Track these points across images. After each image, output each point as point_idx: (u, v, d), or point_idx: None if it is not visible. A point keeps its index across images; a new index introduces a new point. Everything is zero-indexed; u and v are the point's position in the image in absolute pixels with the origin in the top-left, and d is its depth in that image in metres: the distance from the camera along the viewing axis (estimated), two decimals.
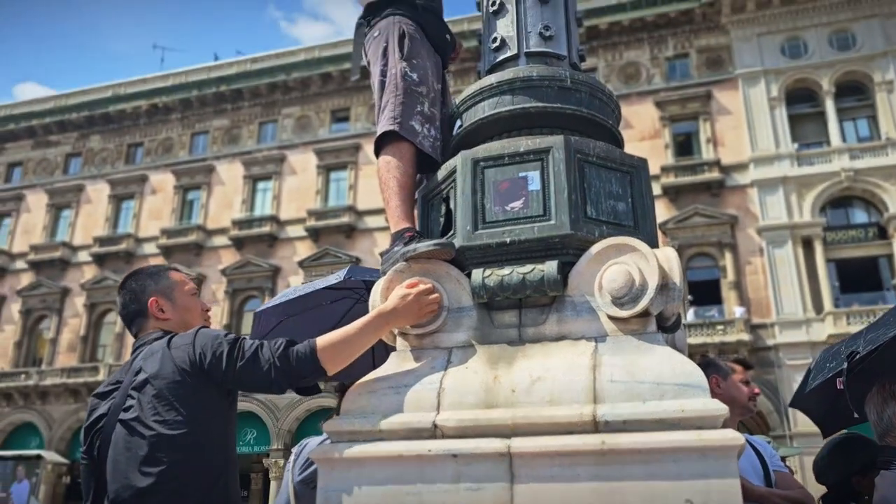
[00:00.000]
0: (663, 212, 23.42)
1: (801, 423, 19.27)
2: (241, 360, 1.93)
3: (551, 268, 2.07)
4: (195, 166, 30.48)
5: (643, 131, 25.19)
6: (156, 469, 1.82)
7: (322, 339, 2.00)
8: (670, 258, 2.01)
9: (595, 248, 2.08)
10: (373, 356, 3.36)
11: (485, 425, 1.89)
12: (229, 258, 28.39)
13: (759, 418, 21.14)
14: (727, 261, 23.38)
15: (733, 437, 1.67)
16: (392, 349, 2.30)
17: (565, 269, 2.10)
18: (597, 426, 1.79)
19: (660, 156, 24.77)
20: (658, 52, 26.81)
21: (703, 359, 3.58)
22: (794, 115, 24.85)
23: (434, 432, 1.92)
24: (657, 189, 22.55)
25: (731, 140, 24.80)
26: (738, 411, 3.16)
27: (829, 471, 3.22)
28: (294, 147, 29.51)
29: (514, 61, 2.64)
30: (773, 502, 2.89)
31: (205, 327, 2.10)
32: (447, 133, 2.75)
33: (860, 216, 23.66)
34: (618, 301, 1.99)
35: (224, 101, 31.10)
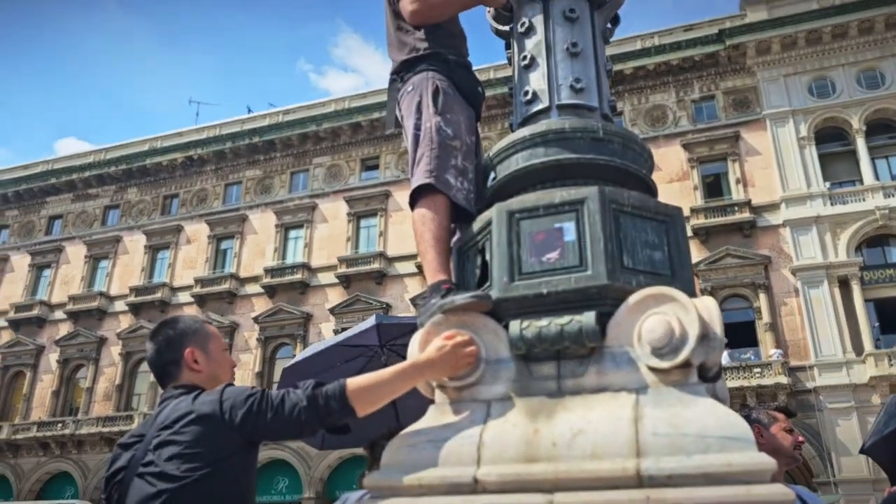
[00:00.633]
0: (694, 253, 23.20)
1: (845, 469, 18.65)
2: (271, 411, 1.93)
3: (589, 319, 2.07)
4: (228, 216, 31.03)
5: (671, 173, 25.14)
6: None
7: (353, 380, 2.01)
8: (710, 308, 1.99)
9: (633, 299, 2.07)
10: (395, 410, 3.35)
11: (526, 480, 1.87)
12: (262, 306, 28.64)
13: (802, 464, 20.49)
14: (762, 302, 22.99)
15: (783, 492, 1.64)
16: (430, 402, 2.30)
17: (603, 319, 2.10)
18: (641, 481, 1.76)
19: (689, 197, 24.66)
20: (684, 95, 26.89)
21: (743, 409, 3.51)
22: (825, 154, 24.63)
23: (474, 487, 1.91)
24: (688, 231, 22.41)
25: (761, 180, 24.61)
26: (783, 461, 3.09)
27: None
28: (325, 195, 29.93)
29: (546, 114, 2.68)
30: None
31: (231, 384, 2.09)
32: (480, 184, 2.79)
33: None
34: (658, 352, 1.97)
35: (257, 152, 31.77)
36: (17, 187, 35.46)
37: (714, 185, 25.78)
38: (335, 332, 26.68)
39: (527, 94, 2.76)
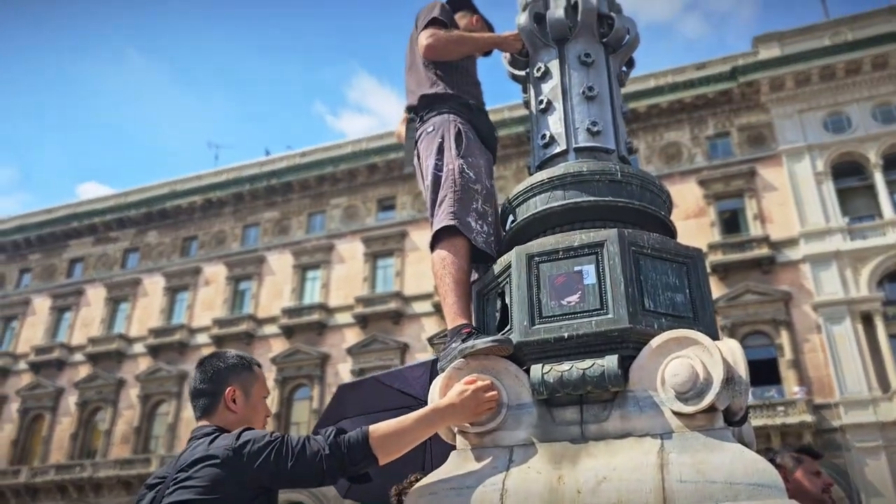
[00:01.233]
0: (713, 290, 22.78)
1: None
2: (291, 459, 1.88)
3: (611, 363, 2.05)
4: (247, 257, 31.24)
5: (687, 210, 25.07)
6: None
7: (375, 427, 1.98)
8: (734, 351, 1.98)
9: (655, 342, 2.06)
10: (429, 453, 3.32)
11: None
12: (279, 347, 28.63)
13: None
14: (783, 339, 22.66)
15: None
16: (452, 448, 2.28)
17: (625, 363, 2.08)
18: None
19: (706, 234, 24.53)
20: (699, 132, 26.95)
21: (767, 452, 3.44)
22: (843, 189, 24.48)
23: None
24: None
25: (779, 216, 24.47)
26: None
27: None
28: (342, 236, 30.10)
29: (563, 156, 2.71)
30: None
31: (249, 428, 2.02)
32: (499, 229, 2.80)
33: None
34: (682, 396, 1.95)
35: (275, 193, 32.11)
36: (40, 231, 36.01)
37: (731, 222, 25.65)
38: (352, 372, 26.62)
39: (544, 137, 2.79)
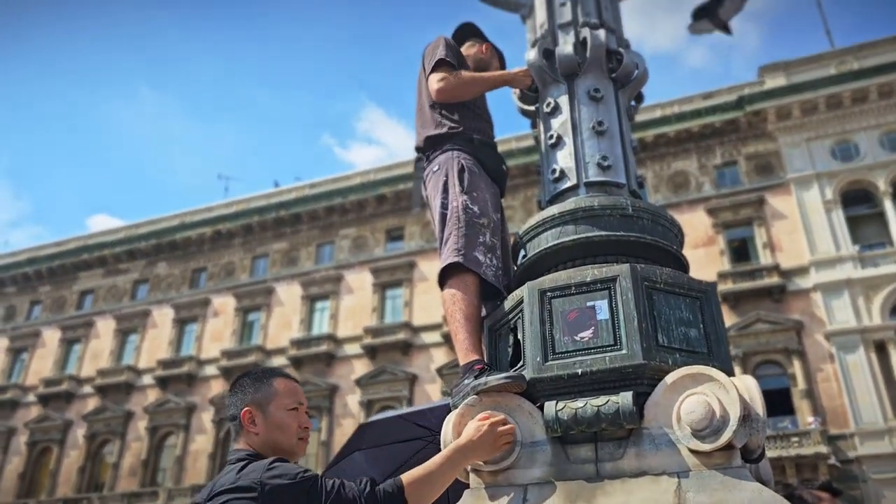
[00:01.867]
0: (724, 319, 22.69)
1: None
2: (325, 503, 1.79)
3: (626, 399, 2.04)
4: (256, 288, 31.29)
5: (696, 239, 25.01)
6: None
7: (408, 477, 1.93)
8: (750, 387, 1.96)
9: (670, 378, 2.04)
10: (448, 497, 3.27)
11: None
12: None
13: None
14: (796, 368, 22.42)
15: None
16: (464, 486, 2.26)
17: (640, 399, 2.06)
18: None
19: (715, 262, 24.45)
20: (706, 161, 26.99)
21: (785, 489, 3.39)
22: (853, 217, 24.39)
23: None
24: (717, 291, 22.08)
25: (789, 244, 24.38)
26: None
27: None
28: (351, 266, 30.14)
29: (574, 191, 2.71)
30: None
31: (282, 460, 1.89)
32: (508, 261, 2.80)
33: None
34: (698, 434, 1.93)
35: (284, 225, 32.26)
36: (51, 263, 36.24)
37: (741, 250, 25.57)
38: (361, 404, 26.49)
39: (554, 172, 2.80)
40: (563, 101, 2.91)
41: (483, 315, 2.71)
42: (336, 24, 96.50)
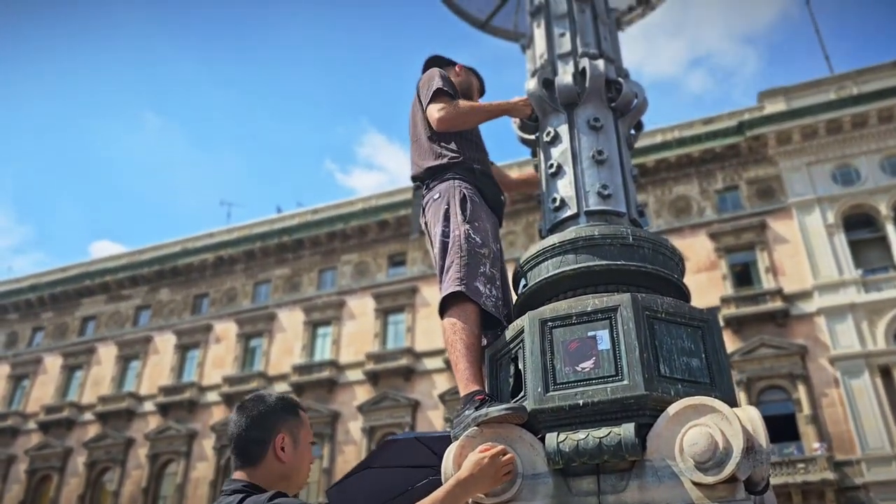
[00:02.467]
0: (727, 344, 22.51)
1: None
2: None
3: (628, 431, 2.02)
4: (258, 314, 31.24)
5: (699, 263, 24.99)
6: None
7: None
8: (754, 419, 1.94)
9: (672, 409, 2.03)
10: None
11: None
12: None
13: None
14: (801, 393, 22.24)
15: None
16: None
17: (642, 431, 2.05)
18: None
19: (718, 287, 24.39)
20: (707, 186, 27.05)
21: None
22: (855, 241, 24.37)
23: None
24: (719, 320, 21.96)
25: (791, 268, 24.33)
26: None
27: None
28: (353, 292, 30.11)
29: (574, 220, 2.72)
30: None
31: (281, 494, 1.78)
32: (508, 292, 2.79)
33: None
34: (701, 466, 1.91)
35: (286, 250, 32.29)
36: (53, 290, 36.24)
37: (743, 274, 25.51)
38: (363, 430, 26.30)
39: (555, 201, 2.81)
40: (563, 130, 2.93)
41: (483, 345, 2.71)
42: (337, 51, 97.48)
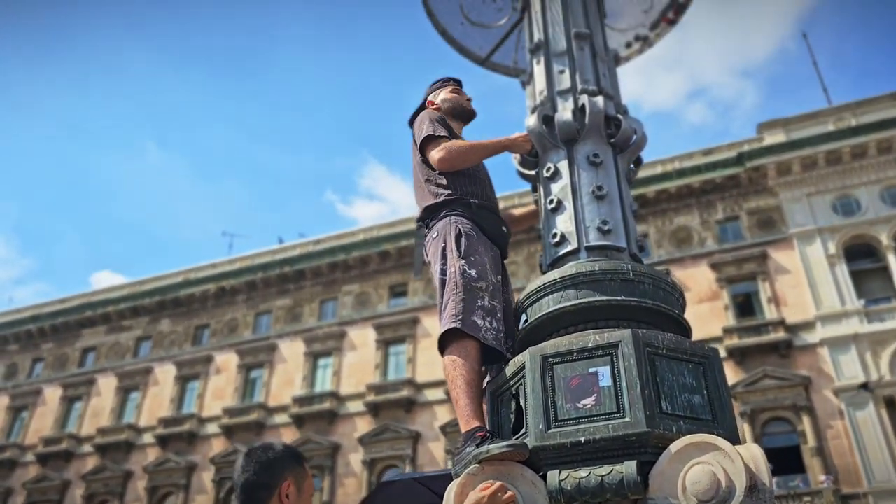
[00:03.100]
0: (730, 375, 22.54)
1: None
2: None
3: (630, 469, 2.01)
4: (258, 345, 31.14)
5: (700, 294, 24.95)
6: None
7: None
8: (756, 457, 1.93)
9: (674, 447, 2.02)
10: None
11: None
12: (290, 436, 28.12)
13: None
14: (805, 425, 22.04)
15: None
16: None
17: (644, 468, 2.04)
18: None
19: (720, 317, 24.33)
20: (708, 216, 27.13)
21: None
22: (857, 271, 24.35)
23: None
24: (721, 352, 21.85)
25: (794, 299, 24.28)
26: None
27: None
28: (354, 323, 30.04)
29: (574, 255, 2.73)
30: None
31: None
32: (511, 324, 2.79)
33: None
34: None
35: (287, 281, 32.28)
36: (54, 321, 36.17)
37: (745, 305, 25.45)
38: (363, 462, 26.05)
39: (555, 236, 2.82)
40: (563, 166, 2.95)
41: (487, 378, 2.70)
42: (339, 83, 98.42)
